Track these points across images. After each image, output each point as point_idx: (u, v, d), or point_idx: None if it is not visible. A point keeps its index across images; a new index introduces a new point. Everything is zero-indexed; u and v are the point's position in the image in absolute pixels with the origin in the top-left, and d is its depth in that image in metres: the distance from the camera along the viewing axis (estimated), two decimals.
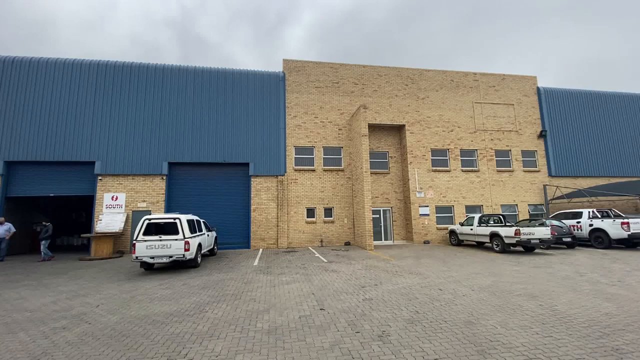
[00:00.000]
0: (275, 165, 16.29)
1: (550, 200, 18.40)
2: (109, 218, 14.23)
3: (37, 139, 14.49)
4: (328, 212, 16.62)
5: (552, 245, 13.39)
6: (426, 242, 16.44)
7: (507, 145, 18.76)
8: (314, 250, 14.13)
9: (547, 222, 13.32)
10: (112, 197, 14.73)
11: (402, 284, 7.28)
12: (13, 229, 12.82)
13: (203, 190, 15.92)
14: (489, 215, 14.42)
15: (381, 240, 16.94)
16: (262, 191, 16.09)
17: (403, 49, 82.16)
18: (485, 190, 17.95)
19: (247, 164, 16.12)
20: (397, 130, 18.22)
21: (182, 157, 15.52)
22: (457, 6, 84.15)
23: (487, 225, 13.61)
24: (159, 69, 15.91)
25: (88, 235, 13.63)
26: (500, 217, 14.29)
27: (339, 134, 17.23)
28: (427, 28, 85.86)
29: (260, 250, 14.85)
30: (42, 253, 12.59)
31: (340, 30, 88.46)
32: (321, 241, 16.16)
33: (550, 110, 19.74)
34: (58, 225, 18.98)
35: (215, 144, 15.88)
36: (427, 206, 17.00)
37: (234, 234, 15.71)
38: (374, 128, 17.61)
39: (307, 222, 16.26)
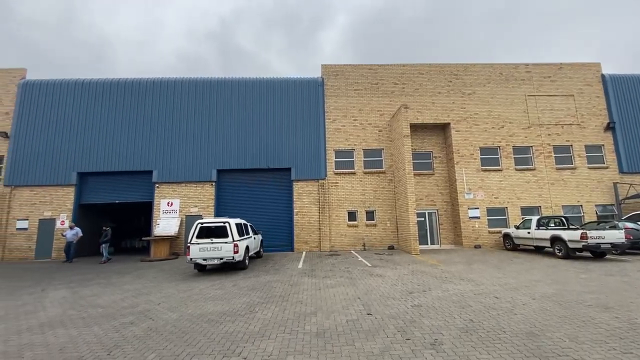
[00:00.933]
0: (316, 170, 16.49)
1: (623, 200, 16.34)
2: (165, 222, 15.39)
3: (104, 152, 16.17)
4: (370, 215, 16.39)
5: (627, 251, 11.90)
6: (477, 247, 15.50)
7: (567, 140, 17.10)
8: (356, 254, 14.01)
9: (620, 224, 11.86)
10: (168, 202, 15.93)
11: (453, 291, 6.92)
12: (80, 234, 14.30)
13: (249, 195, 16.60)
14: (549, 217, 13.25)
15: (427, 244, 16.30)
16: (303, 195, 16.35)
17: (443, 44, 78.75)
18: (543, 190, 16.50)
19: (289, 169, 16.51)
20: (442, 129, 17.48)
21: (229, 164, 16.34)
22: None
23: (547, 228, 12.48)
24: (206, 83, 16.99)
25: (148, 238, 14.86)
26: (563, 219, 13.05)
27: (379, 135, 16.98)
28: (465, 20, 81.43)
29: (304, 253, 15.06)
30: (104, 256, 13.87)
31: (376, 30, 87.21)
32: (364, 244, 15.96)
33: (618, 100, 17.64)
34: (121, 229, 20.93)
35: (258, 150, 16.50)
36: (477, 208, 16.04)
37: (278, 237, 16.13)
38: (416, 128, 17.07)
39: (349, 226, 16.18)
